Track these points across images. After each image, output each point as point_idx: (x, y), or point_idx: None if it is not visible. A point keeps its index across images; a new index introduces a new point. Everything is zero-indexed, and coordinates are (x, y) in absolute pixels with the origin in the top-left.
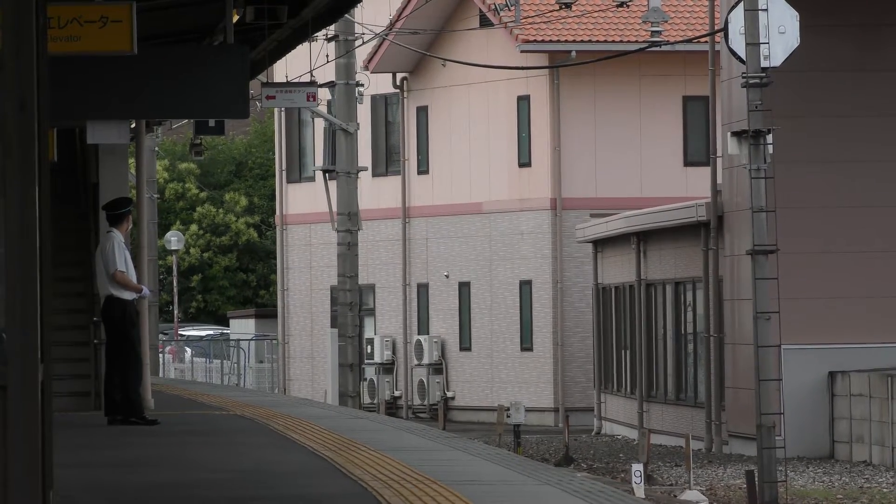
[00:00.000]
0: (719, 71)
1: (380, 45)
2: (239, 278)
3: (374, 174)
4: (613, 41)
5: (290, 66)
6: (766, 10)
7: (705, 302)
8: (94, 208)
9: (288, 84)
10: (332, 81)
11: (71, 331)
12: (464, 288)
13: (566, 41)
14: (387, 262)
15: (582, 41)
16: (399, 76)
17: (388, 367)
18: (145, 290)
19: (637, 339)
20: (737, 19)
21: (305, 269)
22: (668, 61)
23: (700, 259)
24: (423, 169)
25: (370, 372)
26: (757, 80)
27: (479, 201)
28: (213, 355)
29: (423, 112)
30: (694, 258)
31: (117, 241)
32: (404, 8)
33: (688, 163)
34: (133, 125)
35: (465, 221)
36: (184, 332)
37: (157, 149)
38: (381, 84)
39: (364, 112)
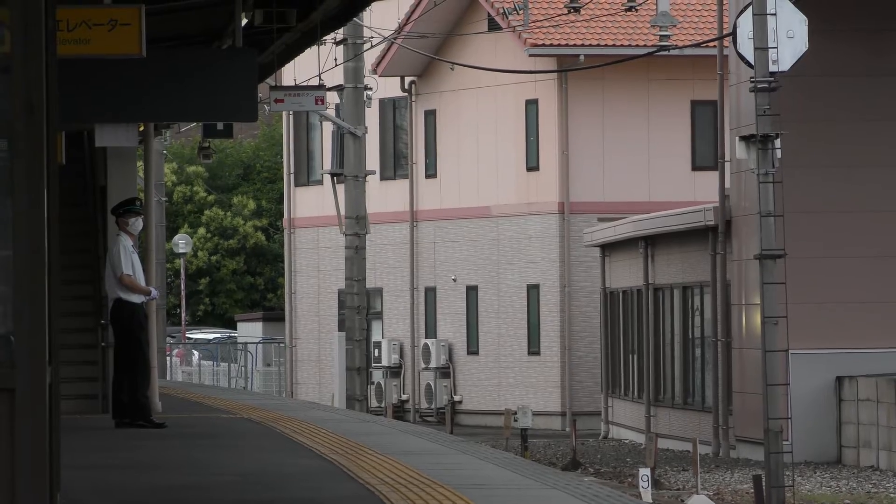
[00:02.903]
0: (727, 75)
1: (388, 49)
2: (246, 281)
3: (382, 178)
4: (622, 45)
5: (299, 70)
6: (774, 14)
7: (713, 306)
8: (102, 211)
9: (296, 87)
10: (341, 85)
11: (79, 333)
12: (471, 292)
13: (574, 45)
14: (394, 265)
15: (590, 45)
16: (407, 80)
17: (395, 371)
18: (154, 293)
19: (644, 343)
20: (745, 24)
21: (313, 272)
22: (676, 65)
23: (708, 263)
24: (430, 173)
25: (377, 375)
26: (765, 85)
27: (486, 205)
28: (220, 358)
29: (431, 116)
30: (702, 262)
31: (123, 245)
32: (413, 12)
33: (696, 167)
34: (141, 128)
35: (472, 225)
36: (191, 336)
37: (165, 152)
38: (389, 88)
39: (372, 116)
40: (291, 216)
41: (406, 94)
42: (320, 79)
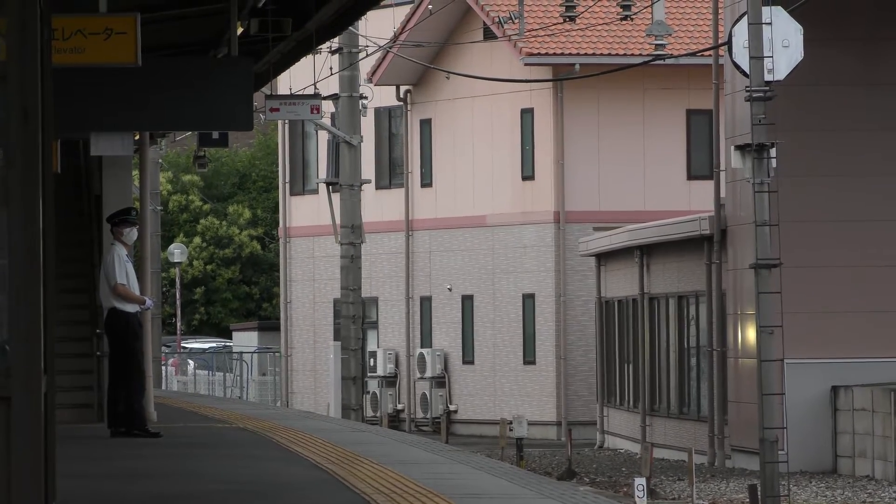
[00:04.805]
0: (723, 84)
1: (384, 58)
2: (242, 291)
3: (378, 187)
4: (617, 54)
5: (294, 79)
6: (770, 23)
7: (708, 316)
8: (98, 220)
9: (292, 96)
10: (336, 94)
11: (74, 342)
12: (467, 301)
13: (570, 54)
14: (390, 274)
15: (586, 54)
16: (403, 89)
17: (390, 380)
18: (149, 302)
19: (640, 352)
20: (741, 33)
21: (308, 281)
22: (671, 75)
23: (703, 273)
24: (426, 182)
25: (373, 385)
26: (761, 94)
27: (482, 214)
28: (215, 368)
29: (426, 125)
30: (697, 272)
31: (118, 254)
32: (408, 21)
33: (691, 176)
34: (137, 137)
35: (468, 234)
36: (186, 345)
37: (160, 161)
38: (384, 97)
39: (368, 125)
40: (287, 225)
41: (401, 102)
42: (316, 88)
